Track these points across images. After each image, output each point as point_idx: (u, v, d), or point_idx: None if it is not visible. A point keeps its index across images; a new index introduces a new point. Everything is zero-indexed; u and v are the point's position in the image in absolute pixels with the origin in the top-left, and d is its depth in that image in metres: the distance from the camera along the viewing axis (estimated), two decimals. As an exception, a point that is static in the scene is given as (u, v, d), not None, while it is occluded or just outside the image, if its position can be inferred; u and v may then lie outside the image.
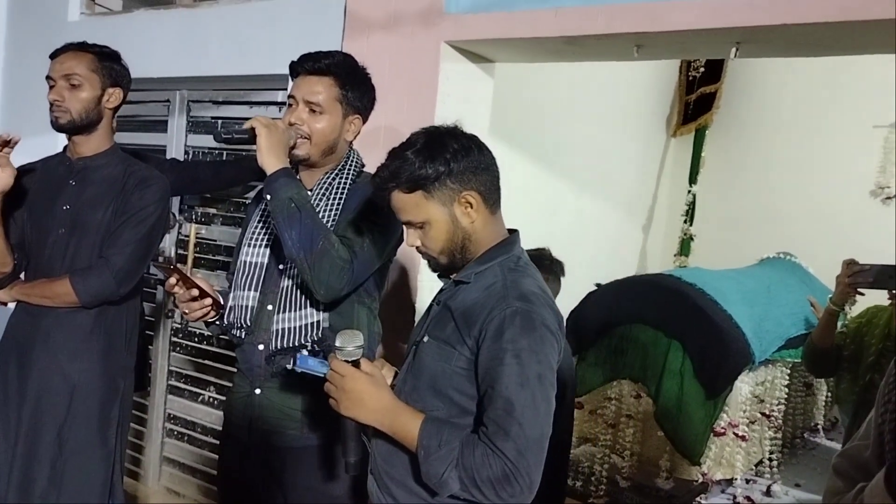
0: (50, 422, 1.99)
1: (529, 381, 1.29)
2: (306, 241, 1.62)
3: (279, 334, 1.74)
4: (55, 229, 2.02)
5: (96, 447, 2.03)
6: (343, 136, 1.80)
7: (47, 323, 2.00)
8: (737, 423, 2.45)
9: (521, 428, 1.26)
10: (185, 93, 3.29)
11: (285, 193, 1.64)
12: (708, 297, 2.47)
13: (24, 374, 2.00)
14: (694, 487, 2.45)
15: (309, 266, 1.62)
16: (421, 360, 1.43)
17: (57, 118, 2.00)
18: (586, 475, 2.62)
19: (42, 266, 2.02)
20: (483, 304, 1.36)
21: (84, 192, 2.04)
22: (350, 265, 1.65)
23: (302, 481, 1.78)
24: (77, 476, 2.00)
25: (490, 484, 1.26)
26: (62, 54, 2.02)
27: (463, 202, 1.40)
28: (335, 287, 1.65)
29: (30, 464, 1.98)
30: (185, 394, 3.32)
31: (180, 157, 3.25)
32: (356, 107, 1.80)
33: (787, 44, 2.04)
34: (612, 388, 2.58)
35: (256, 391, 1.79)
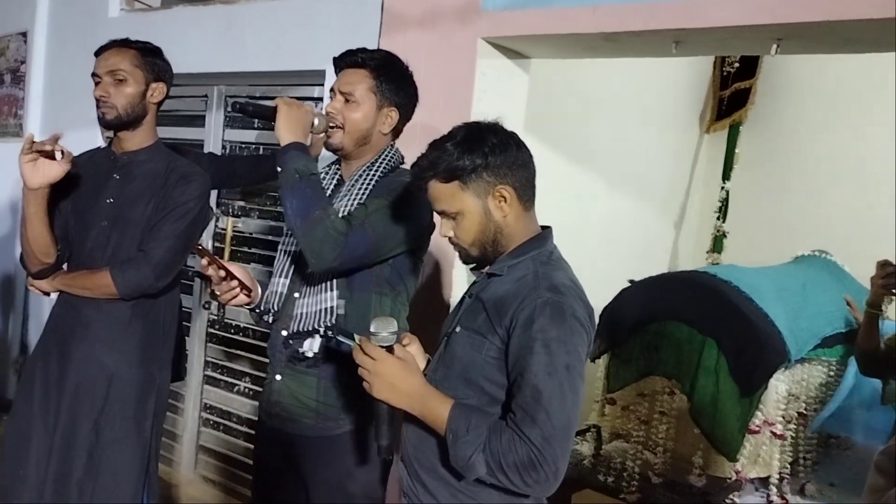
0: (87, 411, 2.03)
1: (558, 370, 1.32)
2: (303, 209, 1.65)
3: (298, 318, 1.79)
4: (98, 222, 2.06)
5: (132, 438, 2.07)
6: (378, 128, 1.84)
7: (87, 313, 2.05)
8: (773, 421, 2.44)
9: (548, 416, 1.30)
10: (222, 88, 3.34)
11: (292, 165, 1.68)
12: (743, 295, 2.46)
13: (64, 364, 2.05)
14: (727, 485, 2.44)
15: (302, 233, 1.66)
16: (452, 350, 1.47)
17: (104, 114, 2.05)
18: (618, 471, 2.62)
19: (84, 257, 2.07)
20: (515, 294, 1.39)
21: (127, 186, 2.08)
22: (344, 237, 1.65)
23: (318, 472, 1.81)
24: (113, 466, 2.04)
25: (515, 469, 1.30)
26: (106, 51, 2.07)
27: (497, 195, 1.44)
28: (326, 257, 1.65)
29: (67, 453, 2.02)
30: (220, 384, 3.38)
31: (217, 151, 3.30)
32: (392, 100, 1.84)
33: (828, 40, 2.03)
34: (646, 384, 2.58)
35: (277, 377, 1.84)
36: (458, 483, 1.42)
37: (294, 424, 1.82)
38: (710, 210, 4.69)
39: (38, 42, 4.08)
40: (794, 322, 2.56)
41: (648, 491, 2.56)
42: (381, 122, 1.84)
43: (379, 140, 1.86)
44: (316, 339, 1.78)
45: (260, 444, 1.99)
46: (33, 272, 2.06)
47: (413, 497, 1.51)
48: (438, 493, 1.45)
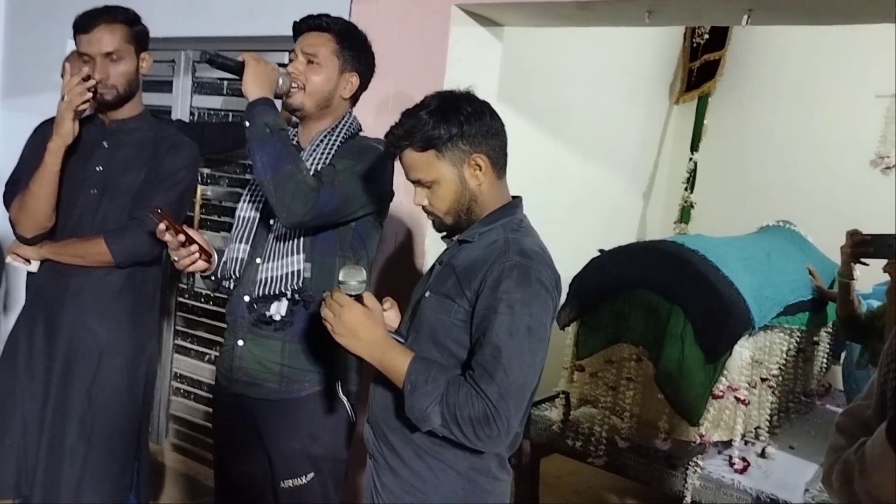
0: (79, 379, 2.04)
1: (519, 331, 1.35)
2: (273, 163, 1.65)
3: (262, 283, 1.79)
4: (87, 189, 2.05)
5: (125, 405, 2.09)
6: (339, 92, 1.85)
7: (77, 282, 2.04)
8: (737, 386, 2.50)
9: (506, 374, 1.33)
10: (190, 53, 3.28)
11: (261, 119, 1.67)
12: (710, 264, 2.50)
13: (53, 333, 2.04)
14: (692, 448, 2.50)
15: (274, 187, 1.65)
16: (422, 314, 1.50)
17: (103, 95, 2.02)
18: (586, 436, 2.67)
19: (71, 225, 2.05)
20: (485, 259, 1.43)
21: (116, 154, 2.07)
22: (316, 193, 1.66)
23: (282, 435, 1.82)
24: (105, 433, 2.06)
25: (470, 423, 1.33)
26: (94, 28, 1.98)
27: (472, 164, 1.46)
28: (298, 212, 1.66)
29: (61, 420, 2.04)
30: (190, 353, 3.37)
31: (185, 117, 3.25)
32: (353, 65, 1.86)
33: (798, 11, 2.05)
34: (614, 351, 2.62)
35: (239, 342, 1.85)
36: (425, 444, 1.46)
37: (258, 389, 1.83)
38: (679, 180, 4.75)
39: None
40: (759, 290, 2.61)
41: (615, 455, 2.62)
42: (342, 86, 1.85)
43: (339, 105, 1.88)
44: (283, 302, 1.79)
45: (221, 409, 1.98)
46: (29, 237, 2.04)
47: (379, 458, 1.54)
48: (405, 453, 1.48)
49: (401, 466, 1.49)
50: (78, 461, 2.03)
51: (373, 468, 1.56)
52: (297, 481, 1.80)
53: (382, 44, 2.11)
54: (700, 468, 2.48)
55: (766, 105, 4.59)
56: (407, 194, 1.76)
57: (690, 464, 2.48)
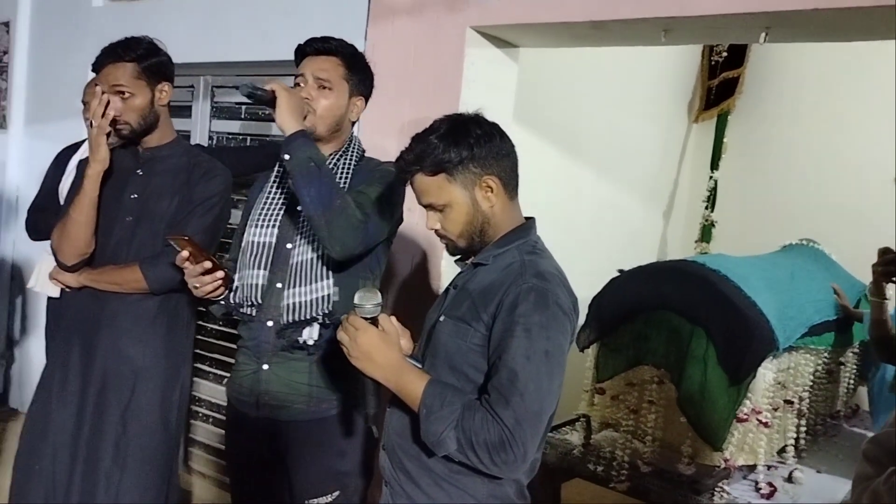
0: (114, 404, 2.05)
1: (536, 355, 1.33)
2: (325, 199, 1.66)
3: (290, 309, 1.78)
4: (122, 217, 2.08)
5: (158, 430, 2.10)
6: (348, 115, 1.88)
7: (112, 307, 2.06)
8: (760, 409, 2.45)
9: (522, 399, 1.31)
10: (209, 78, 3.31)
11: (304, 153, 1.68)
12: (732, 284, 2.46)
13: (89, 357, 2.06)
14: (716, 473, 2.44)
15: (326, 223, 1.67)
16: (437, 339, 1.48)
17: (120, 130, 2.05)
18: (608, 460, 2.62)
19: (108, 252, 2.08)
20: (501, 282, 1.41)
21: (151, 181, 2.10)
22: (364, 225, 1.72)
23: (307, 455, 1.83)
24: (139, 458, 2.07)
25: (486, 448, 1.31)
26: (104, 67, 2.03)
27: (484, 186, 1.45)
28: (350, 245, 1.71)
29: (96, 444, 2.05)
30: (209, 376, 3.37)
31: (204, 142, 3.27)
32: (359, 89, 1.89)
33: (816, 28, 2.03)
34: (635, 374, 2.58)
35: (264, 367, 1.84)
36: (443, 471, 1.43)
37: (286, 411, 1.83)
38: (699, 199, 4.71)
39: (21, 32, 4.03)
40: (783, 311, 2.56)
41: (638, 479, 2.57)
42: (351, 110, 1.88)
43: (347, 128, 1.91)
44: (314, 326, 1.80)
45: (239, 434, 1.96)
46: (70, 264, 2.06)
47: (395, 485, 1.51)
48: (421, 480, 1.46)
49: (418, 494, 1.47)
50: (113, 486, 2.04)
51: (389, 495, 1.54)
52: (322, 500, 1.82)
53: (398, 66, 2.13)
54: (725, 493, 2.42)
55: (786, 122, 4.54)
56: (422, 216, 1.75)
57: (716, 489, 2.42)
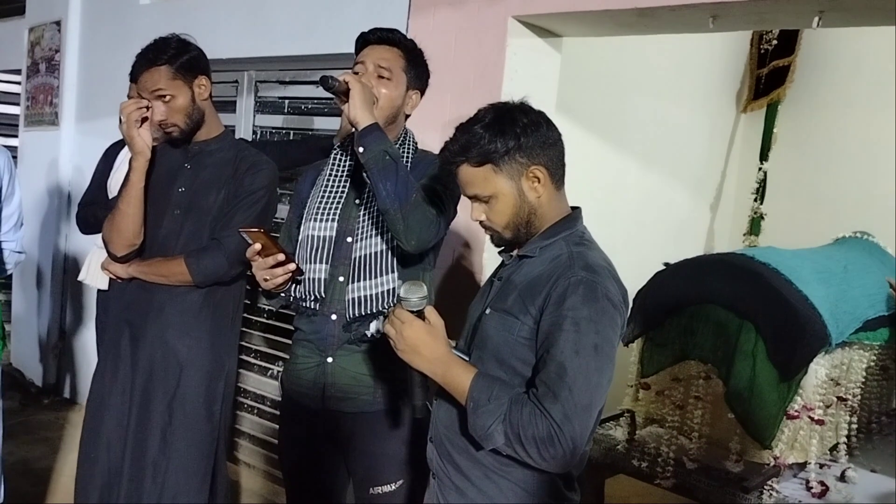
0: (160, 394, 2.09)
1: (585, 349, 1.31)
2: (402, 192, 1.66)
3: (355, 303, 1.78)
4: (171, 210, 2.11)
5: (203, 421, 2.12)
6: (404, 108, 1.87)
7: (160, 299, 2.10)
8: (812, 406, 2.38)
9: (571, 393, 1.29)
10: (252, 73, 3.34)
11: (379, 146, 1.66)
12: (782, 277, 2.39)
13: (136, 347, 2.11)
14: (765, 471, 2.38)
15: (403, 216, 1.67)
16: (484, 332, 1.46)
17: (170, 133, 2.08)
18: (653, 456, 2.58)
19: (157, 245, 2.12)
20: (549, 275, 1.39)
21: (199, 175, 2.13)
22: (438, 220, 1.74)
23: (372, 445, 1.84)
24: (185, 448, 2.10)
25: (534, 442, 1.29)
26: (140, 76, 2.05)
27: (531, 176, 1.42)
28: (426, 239, 1.72)
29: (143, 433, 2.09)
30: (254, 368, 3.41)
31: (248, 137, 3.31)
32: (416, 84, 1.87)
33: (873, 11, 1.96)
34: (681, 368, 2.53)
35: (329, 360, 1.84)
36: (493, 463, 1.42)
37: (352, 403, 1.84)
38: (747, 191, 4.59)
39: (72, 31, 4.13)
40: (836, 305, 2.49)
41: (684, 476, 2.52)
42: (407, 103, 1.87)
43: (401, 121, 1.89)
44: (381, 320, 1.81)
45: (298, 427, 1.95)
46: (120, 255, 2.11)
47: (444, 477, 1.50)
48: (471, 473, 1.45)
49: (468, 486, 1.46)
50: (160, 475, 2.08)
51: (437, 488, 1.53)
52: (386, 488, 1.84)
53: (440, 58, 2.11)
54: (775, 492, 2.36)
55: (839, 111, 4.41)
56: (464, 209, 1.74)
57: (765, 487, 2.37)
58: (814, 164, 4.49)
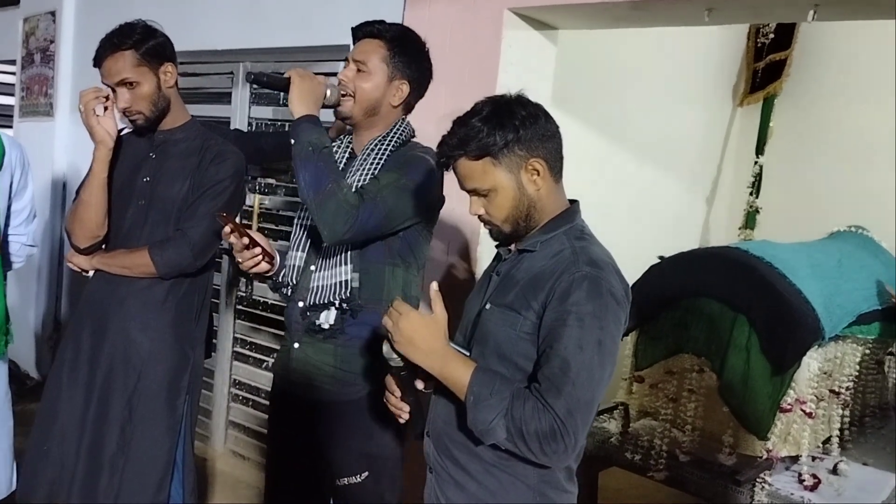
0: (120, 389, 2.05)
1: (589, 345, 1.31)
2: (315, 182, 1.66)
3: (314, 291, 1.81)
4: (135, 201, 2.08)
5: (164, 416, 2.09)
6: (388, 100, 1.84)
7: (123, 291, 2.07)
8: (805, 399, 2.39)
9: (574, 388, 1.29)
10: (248, 65, 3.33)
11: (305, 138, 1.69)
12: (776, 271, 2.39)
13: (98, 341, 2.07)
14: (758, 464, 2.39)
15: (315, 206, 1.66)
16: (484, 328, 1.45)
17: (135, 122, 2.05)
18: (646, 449, 2.59)
19: (121, 236, 2.09)
20: (552, 270, 1.38)
21: (163, 164, 2.09)
22: (356, 210, 1.67)
23: (335, 436, 1.84)
24: (144, 443, 2.06)
25: (536, 438, 1.29)
26: (105, 61, 2.00)
27: (530, 169, 1.41)
28: (338, 230, 1.67)
29: (101, 429, 2.05)
30: (249, 360, 3.41)
31: (244, 128, 3.30)
32: (403, 72, 1.83)
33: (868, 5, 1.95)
34: (675, 362, 2.54)
35: (295, 345, 1.87)
36: (493, 458, 1.42)
37: (313, 391, 1.86)
38: (743, 185, 4.60)
39: (67, 21, 4.10)
40: (830, 299, 2.49)
41: (676, 469, 2.53)
42: (391, 93, 1.84)
43: (389, 113, 1.86)
44: (332, 311, 1.81)
45: (276, 412, 2.02)
46: (83, 247, 2.08)
47: (442, 472, 1.50)
48: (470, 467, 1.45)
49: (467, 481, 1.46)
50: (117, 472, 2.04)
51: (434, 483, 1.53)
52: (352, 479, 1.83)
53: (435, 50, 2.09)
54: (767, 485, 2.37)
55: (835, 106, 4.41)
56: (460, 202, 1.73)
57: (757, 480, 2.38)
58: (810, 159, 4.50)
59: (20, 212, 2.25)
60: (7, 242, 2.26)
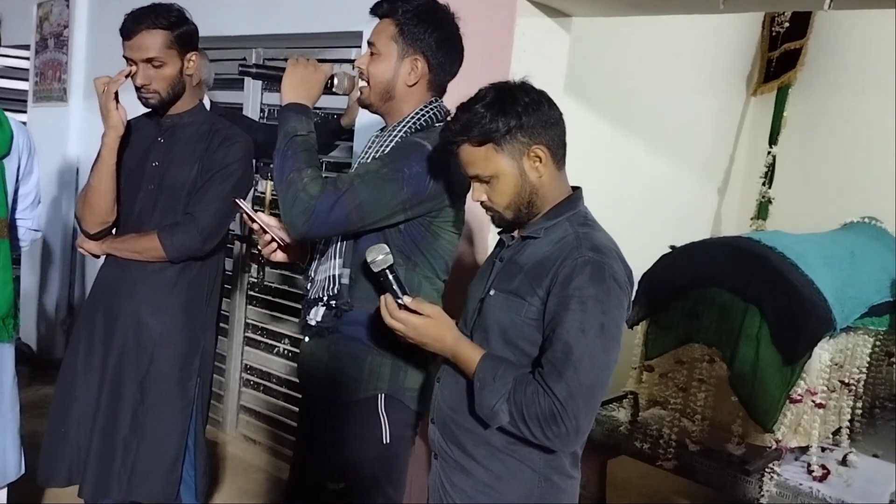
0: (132, 372, 2.07)
1: (591, 328, 1.32)
2: (279, 172, 1.60)
3: (313, 285, 1.77)
4: (145, 185, 2.08)
5: (176, 398, 2.11)
6: (402, 80, 1.68)
7: (133, 275, 2.08)
8: (815, 390, 2.39)
9: (576, 372, 1.30)
10: (260, 51, 3.33)
11: (283, 126, 1.64)
12: (788, 262, 2.39)
13: (110, 324, 2.09)
14: (767, 454, 2.40)
15: (280, 198, 1.59)
16: (489, 314, 1.47)
17: (147, 100, 2.04)
18: (655, 438, 2.60)
19: (131, 221, 2.10)
20: (555, 256, 1.39)
21: (172, 149, 2.09)
22: (314, 201, 1.53)
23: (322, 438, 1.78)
24: (156, 425, 2.08)
25: (537, 420, 1.32)
26: (136, 35, 1.99)
27: (532, 156, 1.42)
28: (297, 223, 1.56)
29: (113, 411, 2.07)
30: (260, 346, 3.43)
31: (256, 115, 3.30)
32: (415, 47, 1.67)
33: (886, -6, 1.93)
34: (685, 352, 2.54)
35: (305, 339, 1.83)
36: (500, 443, 1.44)
37: (310, 388, 1.84)
38: (756, 175, 4.58)
39: (81, 6, 4.11)
40: (842, 290, 2.49)
41: (685, 458, 2.54)
42: (404, 72, 1.67)
43: (407, 94, 1.69)
44: (319, 308, 1.71)
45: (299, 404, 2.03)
46: (93, 232, 2.09)
47: (448, 458, 1.51)
48: (476, 452, 1.47)
49: (473, 466, 1.47)
50: (130, 454, 2.06)
51: (440, 468, 1.54)
52: (333, 486, 1.75)
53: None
54: (776, 475, 2.37)
55: (849, 96, 4.37)
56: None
57: (766, 470, 2.38)
58: (824, 149, 4.46)
59: (26, 196, 2.27)
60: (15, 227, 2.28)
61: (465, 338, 1.45)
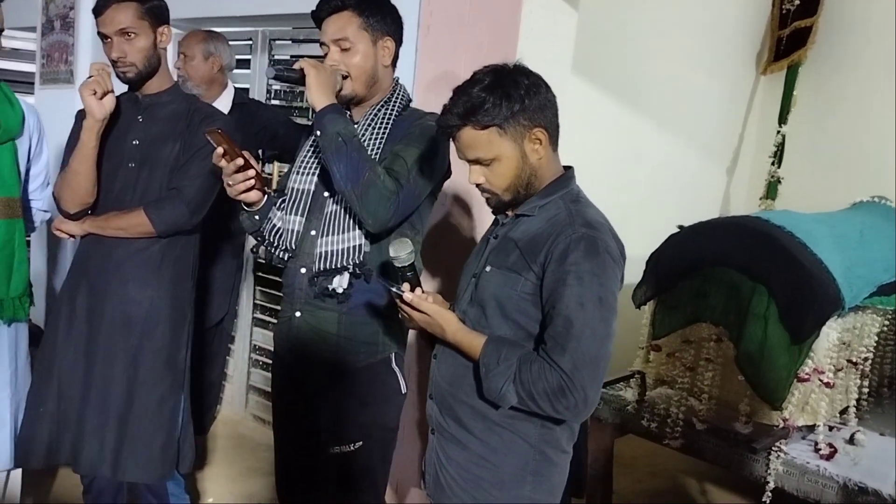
0: (124, 348, 2.10)
1: (590, 301, 1.36)
2: (353, 173, 1.67)
3: (322, 257, 1.81)
4: (125, 163, 2.11)
5: (168, 372, 2.15)
6: (380, 63, 1.84)
7: (119, 253, 2.10)
8: (823, 369, 2.39)
9: (579, 344, 1.34)
10: (266, 31, 3.32)
11: (333, 128, 1.68)
12: (797, 241, 2.38)
13: (96, 303, 2.11)
14: (774, 432, 2.40)
15: (357, 197, 1.68)
16: (484, 289, 1.50)
17: (124, 73, 2.07)
18: (662, 417, 2.61)
19: (112, 199, 2.11)
20: (549, 232, 1.43)
21: (152, 127, 2.12)
22: (396, 196, 1.71)
23: (331, 404, 1.86)
24: (150, 399, 2.12)
25: (546, 396, 1.36)
26: (106, 8, 2.03)
27: (533, 139, 1.45)
28: (382, 218, 1.71)
29: (106, 388, 2.10)
30: (269, 326, 3.45)
31: (262, 97, 3.31)
32: (382, 30, 1.83)
33: (898, -30, 1.91)
34: (692, 331, 2.54)
35: (297, 314, 1.87)
36: (497, 416, 1.47)
37: (314, 360, 1.87)
38: (765, 155, 4.54)
39: (86, -13, 4.10)
40: (850, 269, 2.48)
41: (693, 437, 2.55)
42: (380, 56, 1.84)
43: (385, 74, 1.87)
44: (345, 276, 1.81)
45: (277, 379, 2.05)
46: (73, 212, 2.11)
47: (445, 432, 1.55)
48: (473, 426, 1.50)
49: (469, 439, 1.50)
50: (125, 429, 2.09)
51: (436, 443, 1.58)
52: (345, 448, 1.84)
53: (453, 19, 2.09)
54: (783, 453, 2.38)
55: (860, 75, 4.33)
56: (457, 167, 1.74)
57: (773, 448, 2.39)
58: (833, 128, 4.43)
59: (36, 177, 2.29)
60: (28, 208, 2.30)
61: (464, 327, 1.50)
